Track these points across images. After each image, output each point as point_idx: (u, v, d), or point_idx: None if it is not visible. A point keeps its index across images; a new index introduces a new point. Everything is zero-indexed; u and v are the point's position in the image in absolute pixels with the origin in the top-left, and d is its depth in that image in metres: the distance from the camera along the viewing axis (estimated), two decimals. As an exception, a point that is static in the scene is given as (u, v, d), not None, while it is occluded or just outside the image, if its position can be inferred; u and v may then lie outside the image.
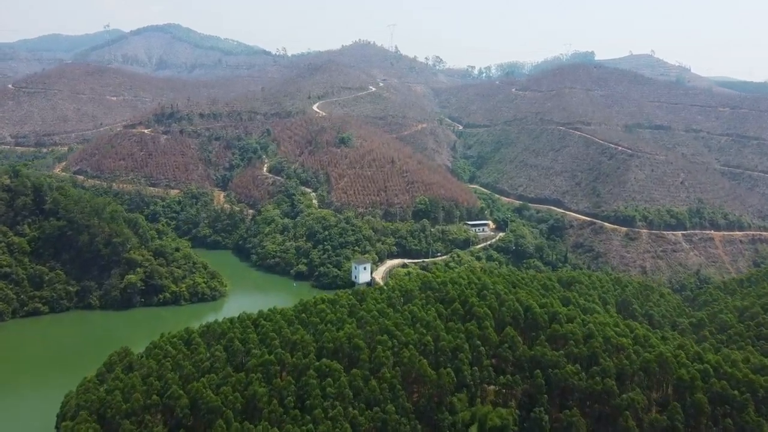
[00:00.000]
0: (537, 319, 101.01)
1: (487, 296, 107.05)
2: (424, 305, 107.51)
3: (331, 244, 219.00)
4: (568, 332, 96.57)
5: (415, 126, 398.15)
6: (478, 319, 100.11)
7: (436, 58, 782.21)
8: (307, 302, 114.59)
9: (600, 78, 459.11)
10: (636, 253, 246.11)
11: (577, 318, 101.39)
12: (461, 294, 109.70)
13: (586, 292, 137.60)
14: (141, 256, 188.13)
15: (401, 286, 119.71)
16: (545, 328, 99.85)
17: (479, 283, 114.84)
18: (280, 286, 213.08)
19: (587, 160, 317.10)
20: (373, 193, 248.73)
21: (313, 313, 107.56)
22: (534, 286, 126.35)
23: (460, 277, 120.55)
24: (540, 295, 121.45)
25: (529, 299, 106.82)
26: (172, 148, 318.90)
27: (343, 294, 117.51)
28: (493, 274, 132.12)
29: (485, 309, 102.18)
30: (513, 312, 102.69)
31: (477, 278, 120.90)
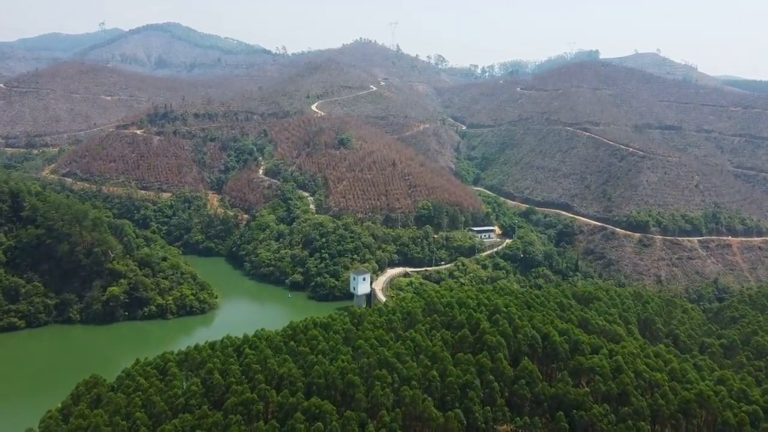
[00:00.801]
0: (557, 348, 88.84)
1: (500, 321, 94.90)
2: (429, 331, 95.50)
3: (329, 252, 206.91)
4: (594, 365, 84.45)
5: (417, 126, 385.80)
6: (491, 350, 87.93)
7: (439, 57, 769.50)
8: (297, 326, 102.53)
9: (607, 77, 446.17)
10: (650, 261, 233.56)
11: (603, 348, 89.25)
12: (470, 318, 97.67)
13: (605, 310, 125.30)
14: (125, 266, 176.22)
15: (402, 307, 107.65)
16: (566, 360, 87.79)
17: (489, 305, 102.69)
18: (274, 296, 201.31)
19: (596, 161, 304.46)
20: (374, 198, 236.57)
21: (303, 341, 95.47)
22: (550, 306, 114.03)
23: (468, 297, 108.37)
24: (557, 316, 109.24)
25: (547, 325, 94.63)
26: (165, 149, 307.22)
27: (338, 317, 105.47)
28: (503, 291, 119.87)
29: (498, 337, 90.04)
30: (529, 340, 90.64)
31: (486, 298, 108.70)
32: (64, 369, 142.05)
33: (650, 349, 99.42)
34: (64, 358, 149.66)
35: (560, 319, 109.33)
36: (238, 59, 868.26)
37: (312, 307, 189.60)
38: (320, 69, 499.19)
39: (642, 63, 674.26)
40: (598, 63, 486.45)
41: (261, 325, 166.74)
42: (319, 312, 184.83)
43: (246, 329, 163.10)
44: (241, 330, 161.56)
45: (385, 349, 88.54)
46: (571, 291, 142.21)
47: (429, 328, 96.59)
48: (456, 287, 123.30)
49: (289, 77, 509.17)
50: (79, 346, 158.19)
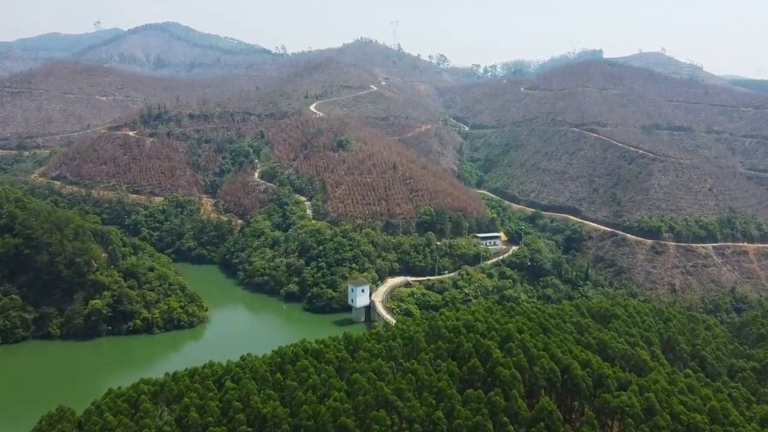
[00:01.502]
0: (579, 384, 78.27)
1: (513, 350, 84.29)
2: (433, 361, 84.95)
3: (326, 260, 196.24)
4: (623, 405, 73.80)
5: (419, 127, 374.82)
6: (504, 385, 77.36)
7: (440, 56, 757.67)
8: (286, 354, 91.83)
9: (614, 76, 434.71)
10: (663, 269, 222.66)
11: (632, 384, 78.61)
12: (478, 345, 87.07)
13: (625, 330, 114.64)
14: (109, 277, 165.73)
15: (403, 331, 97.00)
16: (590, 397, 77.21)
17: (501, 330, 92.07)
18: (268, 307, 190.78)
19: (605, 164, 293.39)
20: (373, 203, 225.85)
21: (292, 373, 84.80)
22: (566, 328, 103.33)
23: (476, 321, 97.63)
24: (574, 340, 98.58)
25: (566, 354, 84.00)
26: (158, 151, 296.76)
27: (331, 343, 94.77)
28: (515, 311, 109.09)
29: (512, 370, 79.44)
30: (547, 373, 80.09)
31: (496, 321, 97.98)
32: (40, 390, 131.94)
33: (681, 380, 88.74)
34: (41, 378, 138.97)
35: (578, 343, 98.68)
36: (238, 59, 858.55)
37: (307, 319, 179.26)
38: (319, 68, 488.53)
39: (647, 62, 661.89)
40: (603, 62, 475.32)
41: (252, 341, 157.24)
42: (315, 325, 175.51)
43: (236, 346, 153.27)
44: (230, 347, 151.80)
45: (383, 384, 77.92)
46: (586, 306, 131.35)
47: (433, 358, 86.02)
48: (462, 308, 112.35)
49: (288, 77, 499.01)
50: (58, 364, 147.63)
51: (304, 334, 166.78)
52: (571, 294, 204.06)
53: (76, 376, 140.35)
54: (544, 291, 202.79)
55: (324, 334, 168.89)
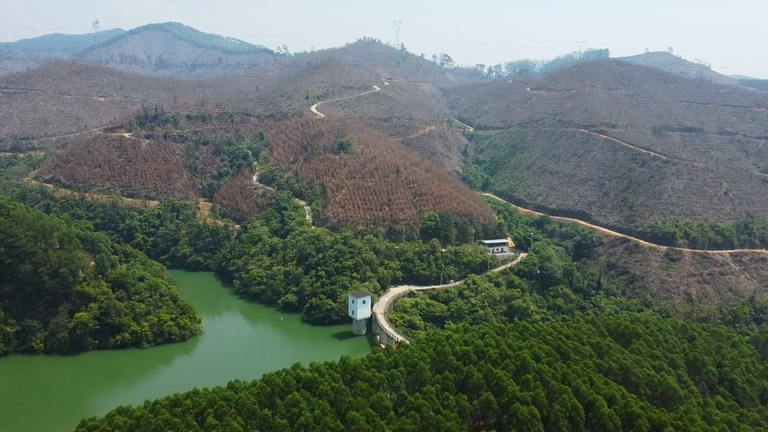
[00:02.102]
0: (605, 423, 68.93)
1: (530, 383, 75.08)
2: (440, 393, 75.75)
3: (326, 269, 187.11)
4: (658, 450, 64.61)
5: (423, 128, 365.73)
6: (521, 424, 68.01)
7: (444, 56, 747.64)
8: (276, 384, 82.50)
9: (622, 76, 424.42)
10: (678, 277, 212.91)
11: (667, 426, 69.21)
12: (491, 376, 77.85)
13: (649, 350, 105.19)
14: (96, 288, 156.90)
15: (407, 357, 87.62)
16: (619, 438, 67.96)
17: (515, 358, 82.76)
18: (265, 318, 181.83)
19: (615, 166, 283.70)
20: (375, 208, 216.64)
21: (282, 408, 75.54)
22: (585, 351, 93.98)
23: (486, 345, 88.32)
24: (595, 366, 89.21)
25: (588, 388, 74.64)
26: (154, 154, 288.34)
27: (327, 371, 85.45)
28: (528, 332, 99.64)
29: (530, 407, 70.20)
30: (569, 411, 70.80)
31: (509, 346, 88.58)
32: (18, 411, 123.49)
33: (716, 414, 79.30)
34: (20, 397, 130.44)
35: (599, 369, 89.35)
36: (240, 59, 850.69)
37: (305, 332, 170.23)
38: (321, 68, 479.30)
39: (654, 62, 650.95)
40: (612, 62, 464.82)
41: (245, 359, 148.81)
42: (313, 339, 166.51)
43: (227, 364, 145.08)
44: (221, 364, 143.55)
45: (384, 424, 68.72)
46: (603, 323, 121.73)
47: (440, 390, 76.82)
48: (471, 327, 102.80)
49: (289, 77, 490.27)
50: (40, 382, 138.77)
51: (301, 350, 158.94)
52: (583, 304, 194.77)
53: (57, 395, 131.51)
54: (554, 301, 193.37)
55: (322, 348, 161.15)
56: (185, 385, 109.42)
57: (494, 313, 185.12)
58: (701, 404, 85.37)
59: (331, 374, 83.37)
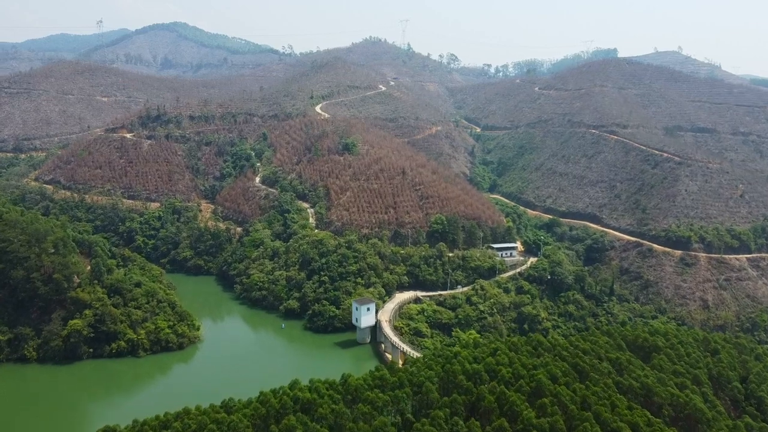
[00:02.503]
0: (633, 455, 62.70)
1: (547, 407, 68.87)
2: (449, 419, 69.61)
3: (329, 274, 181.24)
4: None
5: (429, 129, 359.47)
6: (538, 455, 61.82)
7: (451, 55, 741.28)
8: (271, 404, 76.53)
9: (633, 75, 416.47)
10: (694, 283, 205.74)
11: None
12: (503, 399, 71.64)
13: (671, 366, 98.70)
14: (90, 294, 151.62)
15: (412, 376, 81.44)
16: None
17: (529, 378, 76.52)
18: (266, 325, 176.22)
19: (627, 168, 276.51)
20: (381, 211, 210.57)
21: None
22: (604, 369, 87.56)
23: (498, 363, 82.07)
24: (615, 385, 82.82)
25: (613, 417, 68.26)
26: (155, 154, 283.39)
27: (326, 392, 79.37)
28: (542, 347, 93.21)
29: (548, 436, 63.99)
30: (592, 440, 64.64)
31: (522, 365, 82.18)
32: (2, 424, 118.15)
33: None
34: (9, 409, 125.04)
35: (620, 388, 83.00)
36: (245, 59, 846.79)
37: (307, 340, 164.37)
38: (326, 68, 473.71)
39: (663, 62, 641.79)
40: (622, 61, 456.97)
41: (244, 369, 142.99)
42: (315, 348, 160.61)
43: (225, 375, 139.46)
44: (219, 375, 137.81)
45: (388, 453, 62.79)
46: (620, 335, 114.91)
47: (449, 414, 70.67)
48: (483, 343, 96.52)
49: (293, 77, 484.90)
50: (31, 392, 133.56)
51: (302, 360, 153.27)
52: (595, 311, 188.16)
53: (48, 406, 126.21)
54: (565, 307, 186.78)
55: (324, 358, 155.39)
56: (179, 399, 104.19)
57: (503, 320, 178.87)
58: (730, 428, 78.88)
59: (330, 395, 77.31)
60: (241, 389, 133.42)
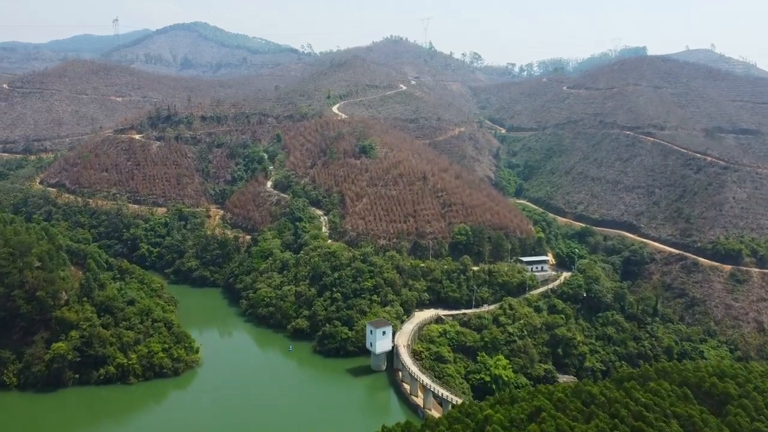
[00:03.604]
0: None
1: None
2: None
3: (342, 290, 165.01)
4: None
5: (452, 130, 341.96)
6: None
7: (474, 54, 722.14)
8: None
9: (668, 73, 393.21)
10: (747, 302, 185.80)
11: None
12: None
13: (750, 425, 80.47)
14: (77, 314, 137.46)
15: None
16: None
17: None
18: (272, 345, 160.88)
19: (666, 173, 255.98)
20: (399, 220, 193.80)
21: None
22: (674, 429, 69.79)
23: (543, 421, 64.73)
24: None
25: None
26: (164, 157, 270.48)
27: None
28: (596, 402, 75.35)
29: None
30: None
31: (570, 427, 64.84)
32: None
33: None
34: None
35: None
36: (265, 59, 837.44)
37: (317, 365, 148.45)
38: (344, 67, 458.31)
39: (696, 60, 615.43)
40: (656, 58, 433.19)
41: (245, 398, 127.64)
42: (325, 375, 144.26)
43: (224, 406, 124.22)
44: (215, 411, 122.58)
45: None
46: (679, 375, 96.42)
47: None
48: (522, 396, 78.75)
49: (311, 76, 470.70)
50: (11, 422, 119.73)
51: (310, 389, 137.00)
52: (637, 334, 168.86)
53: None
54: (603, 330, 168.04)
55: (335, 387, 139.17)
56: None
57: (534, 344, 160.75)
58: None
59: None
60: (240, 422, 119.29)
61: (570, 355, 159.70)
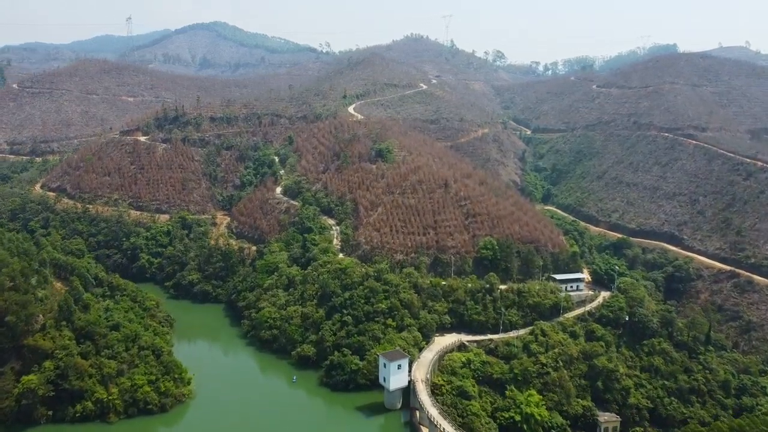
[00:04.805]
0: None
1: None
2: None
3: (353, 313, 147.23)
4: None
5: (475, 131, 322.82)
6: None
7: (497, 52, 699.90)
8: None
9: (707, 71, 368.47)
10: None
11: None
12: None
13: None
14: (53, 341, 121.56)
15: None
16: None
17: None
18: (275, 376, 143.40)
19: (711, 179, 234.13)
20: (418, 232, 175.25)
21: None
22: None
23: None
24: None
25: None
26: (170, 160, 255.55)
27: None
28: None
29: None
30: None
31: None
32: None
33: None
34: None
35: None
36: (283, 58, 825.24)
37: (323, 400, 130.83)
38: (362, 65, 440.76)
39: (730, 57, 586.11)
40: (695, 55, 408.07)
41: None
42: (332, 414, 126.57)
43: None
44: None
45: None
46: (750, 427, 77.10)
47: None
48: None
49: (326, 75, 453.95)
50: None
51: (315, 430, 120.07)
52: (688, 365, 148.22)
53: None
54: (649, 360, 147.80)
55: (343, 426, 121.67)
56: None
57: (571, 376, 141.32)
58: None
59: None
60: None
61: (612, 390, 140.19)
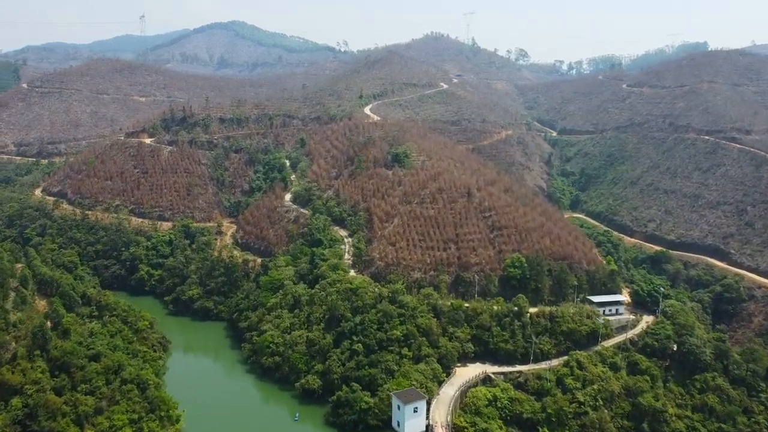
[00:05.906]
0: None
1: None
2: None
3: (364, 341, 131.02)
4: None
5: (498, 133, 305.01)
6: None
7: (520, 51, 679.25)
8: None
9: (748, 69, 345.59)
10: None
11: None
12: None
13: None
14: (22, 375, 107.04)
15: None
16: None
17: None
18: (277, 408, 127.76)
19: (760, 186, 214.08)
20: (438, 247, 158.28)
21: None
22: None
23: None
24: None
25: None
26: (175, 164, 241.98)
27: None
28: None
29: None
30: None
31: None
32: None
33: None
34: None
35: None
36: (301, 57, 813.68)
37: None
38: (380, 64, 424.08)
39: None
40: (734, 52, 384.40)
41: None
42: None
43: None
44: None
45: None
46: None
47: None
48: None
49: (343, 74, 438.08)
50: None
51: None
52: (748, 405, 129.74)
53: None
54: (703, 398, 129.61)
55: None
56: None
57: (612, 416, 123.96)
58: None
59: None
60: None
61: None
